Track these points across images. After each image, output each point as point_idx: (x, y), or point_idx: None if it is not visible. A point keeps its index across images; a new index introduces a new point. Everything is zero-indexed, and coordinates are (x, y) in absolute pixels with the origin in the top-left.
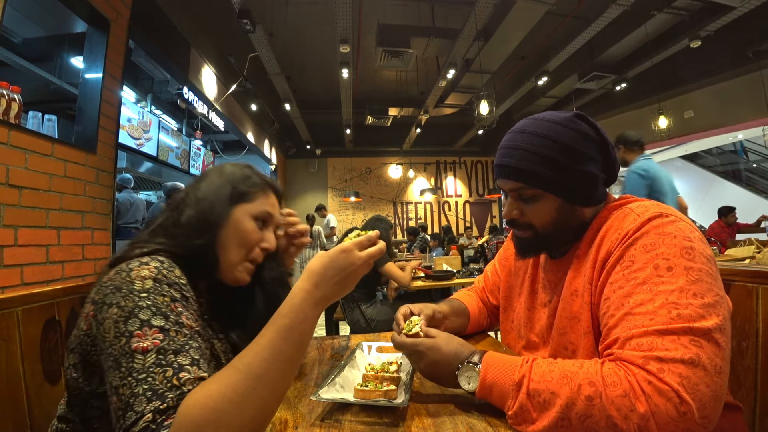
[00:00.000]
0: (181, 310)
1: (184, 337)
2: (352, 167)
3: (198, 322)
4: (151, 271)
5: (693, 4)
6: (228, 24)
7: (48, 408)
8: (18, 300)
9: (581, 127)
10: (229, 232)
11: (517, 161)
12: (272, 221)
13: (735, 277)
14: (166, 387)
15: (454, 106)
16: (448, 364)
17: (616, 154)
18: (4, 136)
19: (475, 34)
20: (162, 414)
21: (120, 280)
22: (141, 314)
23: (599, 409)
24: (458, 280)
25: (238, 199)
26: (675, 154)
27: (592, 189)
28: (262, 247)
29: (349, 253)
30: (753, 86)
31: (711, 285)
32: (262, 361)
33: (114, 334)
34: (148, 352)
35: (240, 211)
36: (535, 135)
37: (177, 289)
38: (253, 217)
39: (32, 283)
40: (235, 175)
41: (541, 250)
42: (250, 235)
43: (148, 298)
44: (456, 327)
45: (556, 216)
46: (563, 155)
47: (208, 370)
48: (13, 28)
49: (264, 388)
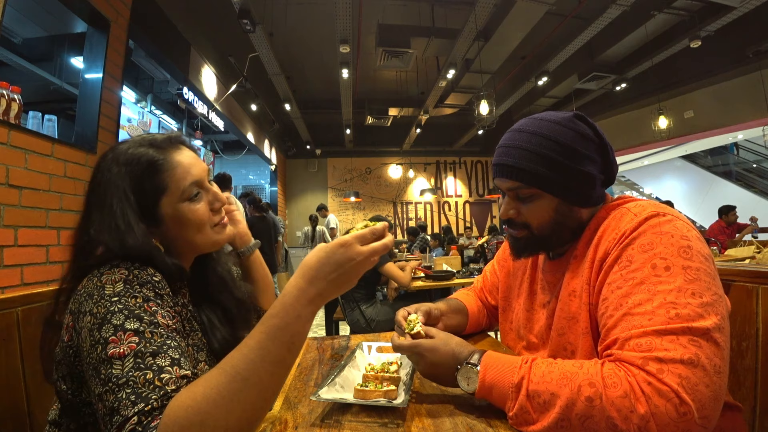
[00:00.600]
0: (155, 309)
1: (160, 337)
2: (352, 167)
3: (176, 318)
4: (122, 274)
5: (693, 4)
6: (228, 24)
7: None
8: (18, 300)
9: (580, 128)
10: (174, 230)
11: (515, 160)
12: (203, 181)
13: (735, 277)
14: (148, 389)
15: (454, 106)
16: (447, 365)
17: (614, 156)
18: (4, 136)
19: (475, 34)
20: (147, 416)
21: (92, 287)
22: (113, 319)
23: (599, 410)
24: (458, 280)
25: (153, 200)
26: (675, 154)
27: (590, 189)
28: (214, 209)
29: (348, 247)
30: (753, 86)
31: (709, 284)
32: (249, 363)
33: (90, 342)
34: (126, 356)
35: (166, 207)
36: (534, 134)
37: (150, 288)
38: (183, 200)
39: (32, 283)
40: (126, 178)
41: (537, 251)
42: (196, 217)
43: (119, 301)
44: (454, 325)
45: (554, 216)
46: (562, 155)
47: (192, 368)
48: (13, 28)
49: (251, 390)
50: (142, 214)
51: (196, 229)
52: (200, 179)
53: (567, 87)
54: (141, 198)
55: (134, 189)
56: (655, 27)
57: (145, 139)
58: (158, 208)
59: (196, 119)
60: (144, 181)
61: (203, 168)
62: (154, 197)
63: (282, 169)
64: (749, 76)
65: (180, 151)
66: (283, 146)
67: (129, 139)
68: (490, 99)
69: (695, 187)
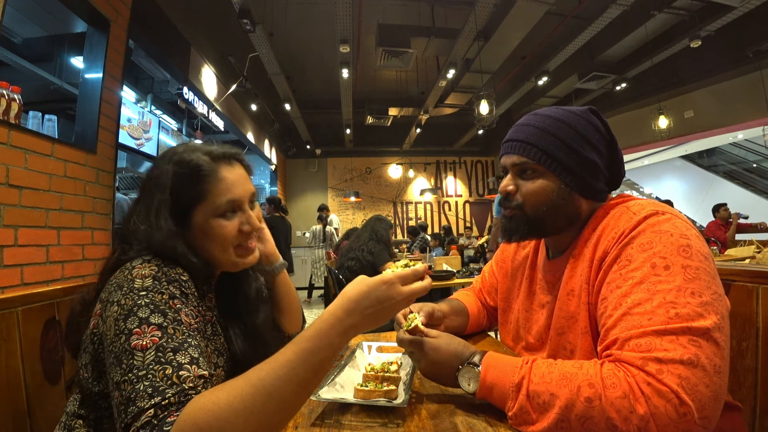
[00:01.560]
0: (180, 307)
1: (182, 334)
2: (352, 167)
3: (198, 318)
4: (152, 269)
5: (693, 4)
6: (228, 24)
7: (48, 408)
8: (18, 300)
9: (594, 120)
10: (200, 239)
11: (526, 136)
12: (242, 202)
13: (735, 277)
14: (166, 384)
15: (454, 106)
16: (448, 364)
17: (622, 158)
18: (4, 136)
19: (475, 34)
20: (164, 410)
21: (122, 278)
22: (140, 312)
23: (599, 411)
24: (458, 280)
25: (189, 205)
26: (675, 154)
27: (594, 180)
28: (243, 231)
29: (390, 285)
30: (753, 86)
31: (709, 283)
32: (276, 379)
33: (114, 331)
34: (147, 349)
35: (198, 216)
36: (549, 117)
37: (177, 286)
38: (216, 215)
39: (32, 283)
40: (172, 178)
41: (529, 234)
42: (222, 234)
43: (146, 296)
44: (456, 326)
45: (552, 198)
46: (572, 138)
47: (210, 368)
48: (13, 28)
49: (273, 405)
50: (175, 216)
51: (220, 246)
52: (239, 199)
53: (567, 87)
54: (178, 200)
55: (175, 190)
56: (655, 27)
57: (202, 147)
58: (191, 215)
59: (196, 119)
60: (185, 185)
61: (247, 189)
62: (190, 203)
63: (282, 169)
64: (749, 76)
65: (231, 167)
66: (283, 146)
67: (189, 142)
68: (490, 99)
69: (695, 186)
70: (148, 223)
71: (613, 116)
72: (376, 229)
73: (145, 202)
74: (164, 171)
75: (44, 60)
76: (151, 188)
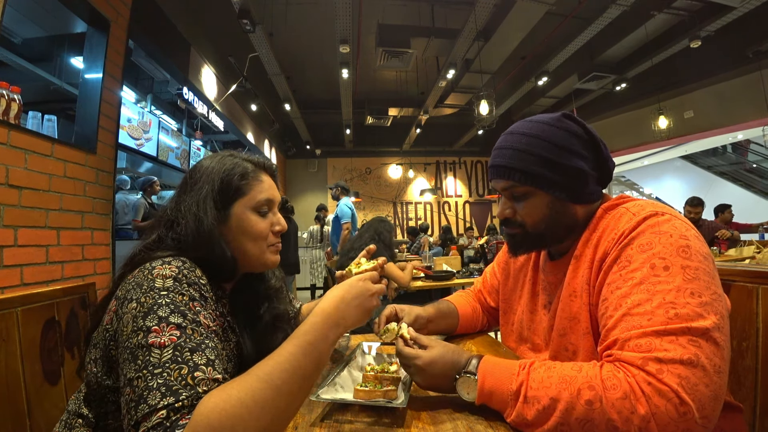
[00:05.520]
0: (199, 309)
1: (200, 336)
2: (352, 167)
3: (216, 322)
4: (173, 271)
5: (693, 4)
6: (228, 24)
7: (48, 408)
8: (18, 300)
9: (568, 126)
10: (235, 232)
11: (507, 160)
12: (274, 204)
13: (735, 277)
14: (180, 384)
15: (454, 106)
16: (446, 375)
17: (608, 153)
18: (4, 136)
19: (475, 35)
20: (176, 412)
21: (142, 278)
22: (160, 311)
23: (599, 413)
24: (458, 280)
25: (231, 198)
26: (675, 154)
27: (582, 185)
28: (274, 231)
29: (365, 282)
30: (753, 86)
31: (708, 283)
32: (283, 372)
33: (132, 328)
34: (165, 347)
35: (238, 207)
36: (524, 135)
37: (196, 289)
38: (253, 210)
39: (32, 284)
40: (221, 173)
41: (533, 248)
42: (256, 228)
43: (167, 296)
44: (442, 329)
45: (548, 213)
46: (551, 152)
47: (223, 372)
48: (13, 28)
49: (282, 399)
50: (219, 208)
51: (253, 239)
52: (274, 200)
53: (567, 87)
54: (223, 193)
55: (222, 184)
56: (655, 27)
57: (244, 155)
58: (231, 208)
59: (196, 119)
60: (231, 181)
61: (277, 196)
62: (233, 197)
63: (282, 169)
64: (749, 76)
65: (267, 175)
66: (283, 146)
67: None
68: (490, 99)
69: (695, 187)
70: (195, 210)
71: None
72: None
73: (193, 191)
74: (213, 168)
75: (44, 60)
76: (199, 180)
